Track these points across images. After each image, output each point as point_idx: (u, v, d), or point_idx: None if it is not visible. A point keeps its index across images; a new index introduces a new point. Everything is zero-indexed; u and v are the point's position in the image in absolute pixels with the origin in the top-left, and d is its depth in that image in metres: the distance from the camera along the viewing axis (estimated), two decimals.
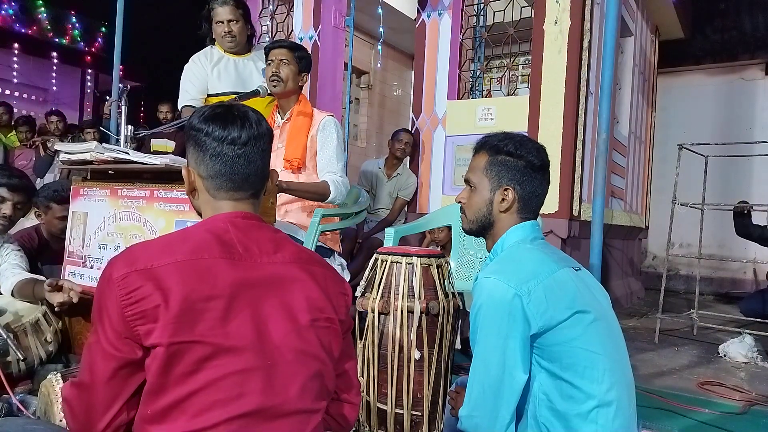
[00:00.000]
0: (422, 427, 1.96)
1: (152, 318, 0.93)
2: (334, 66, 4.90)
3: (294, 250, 1.11)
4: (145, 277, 0.95)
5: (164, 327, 0.93)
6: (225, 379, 0.94)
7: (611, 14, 2.56)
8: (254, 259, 1.04)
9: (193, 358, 0.93)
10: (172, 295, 0.94)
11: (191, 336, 0.93)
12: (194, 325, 0.94)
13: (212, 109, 1.13)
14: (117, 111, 4.23)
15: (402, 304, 1.94)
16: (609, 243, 4.97)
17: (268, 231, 1.11)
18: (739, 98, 7.12)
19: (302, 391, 1.02)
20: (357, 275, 3.35)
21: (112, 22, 4.30)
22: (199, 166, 1.10)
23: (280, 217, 2.49)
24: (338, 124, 2.61)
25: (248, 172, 1.10)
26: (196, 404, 0.93)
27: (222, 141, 1.08)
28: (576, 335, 1.20)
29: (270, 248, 1.07)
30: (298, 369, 1.01)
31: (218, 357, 0.94)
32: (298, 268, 1.08)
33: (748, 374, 3.18)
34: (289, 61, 2.51)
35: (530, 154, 1.36)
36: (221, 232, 1.05)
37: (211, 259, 0.99)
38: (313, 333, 1.05)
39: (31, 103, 10.12)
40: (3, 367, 1.90)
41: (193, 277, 0.96)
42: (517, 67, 4.97)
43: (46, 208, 2.80)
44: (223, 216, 1.09)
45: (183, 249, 1.00)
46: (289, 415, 1.00)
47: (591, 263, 2.43)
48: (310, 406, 1.04)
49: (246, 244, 1.05)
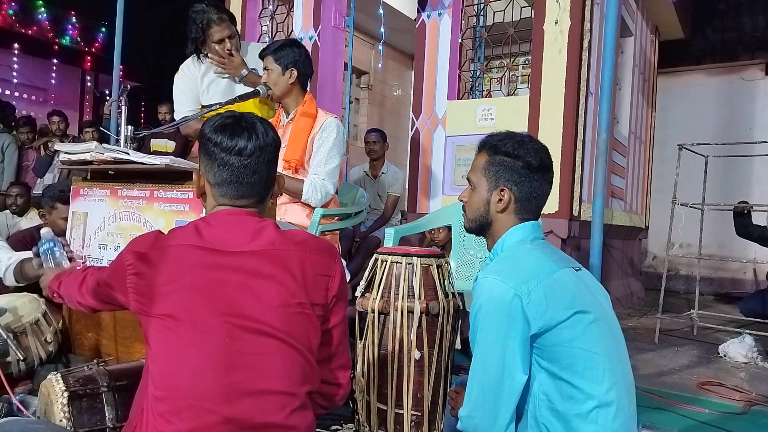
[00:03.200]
0: (422, 427, 1.96)
1: (143, 293, 1.12)
2: (334, 66, 4.90)
3: (271, 238, 1.16)
4: (137, 258, 1.13)
5: (146, 301, 1.10)
6: (190, 347, 1.06)
7: (611, 14, 2.56)
8: (227, 248, 1.12)
9: (160, 328, 1.08)
10: (155, 278, 1.10)
11: (159, 312, 1.08)
12: (167, 299, 1.08)
13: (223, 119, 1.19)
14: (117, 111, 4.23)
15: (402, 304, 1.94)
16: (609, 243, 4.97)
17: (253, 222, 1.18)
18: (739, 98, 7.12)
19: (269, 372, 1.07)
20: (356, 275, 3.35)
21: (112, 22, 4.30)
22: (208, 173, 1.19)
23: (280, 216, 2.49)
24: (340, 126, 2.58)
25: (253, 181, 1.18)
26: (164, 370, 1.08)
27: (229, 151, 1.16)
28: (576, 335, 1.20)
29: (248, 238, 1.14)
30: (261, 350, 1.07)
31: (182, 328, 1.06)
32: (269, 254, 1.13)
33: (748, 374, 3.18)
34: (271, 67, 2.53)
35: (528, 155, 1.34)
36: (202, 225, 1.16)
37: (181, 246, 1.12)
38: (280, 318, 1.09)
39: (31, 103, 10.12)
40: (3, 367, 1.90)
41: (169, 261, 1.11)
42: (517, 67, 4.97)
43: (51, 208, 2.81)
44: (215, 212, 1.19)
45: (168, 236, 1.15)
46: (257, 394, 1.06)
47: (591, 263, 2.42)
48: (281, 388, 1.08)
49: (224, 235, 1.13)
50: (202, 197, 1.25)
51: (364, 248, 3.99)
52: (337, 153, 2.55)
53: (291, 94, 2.58)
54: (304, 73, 2.58)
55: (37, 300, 2.25)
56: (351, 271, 3.05)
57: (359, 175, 4.72)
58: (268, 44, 2.78)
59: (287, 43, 2.59)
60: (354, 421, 2.10)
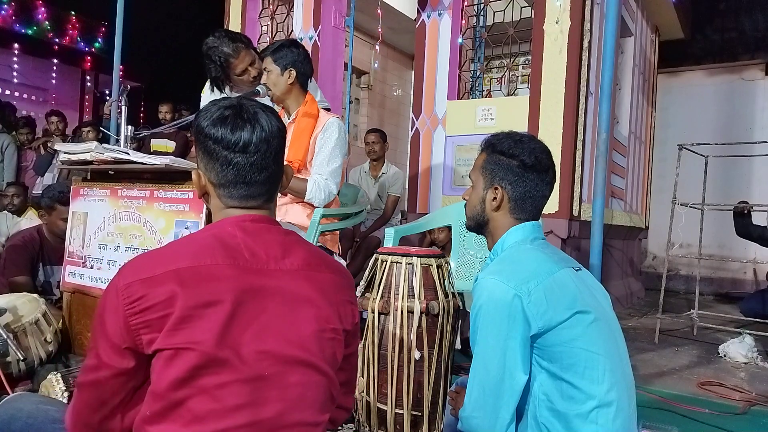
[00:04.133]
0: (422, 427, 1.96)
1: (157, 327, 0.92)
2: (334, 66, 4.90)
3: (303, 255, 1.06)
4: (148, 286, 0.93)
5: (165, 333, 0.92)
6: (221, 389, 0.92)
7: (611, 14, 2.56)
8: (261, 265, 1.00)
9: (188, 365, 0.91)
10: (176, 302, 0.92)
11: (186, 341, 0.92)
12: (191, 330, 0.92)
13: (220, 109, 1.05)
14: (117, 111, 4.23)
15: (402, 304, 1.94)
16: (609, 243, 4.97)
17: (277, 234, 1.07)
18: (739, 98, 7.12)
19: (303, 404, 0.99)
20: (356, 275, 3.35)
21: (112, 22, 4.30)
22: (209, 173, 1.06)
23: (280, 216, 2.49)
24: (342, 126, 2.57)
25: (261, 179, 1.05)
26: (191, 411, 0.92)
27: (232, 149, 1.02)
28: (576, 336, 1.20)
29: (278, 253, 1.03)
30: (299, 381, 0.99)
31: (214, 367, 0.92)
32: (306, 275, 1.04)
33: (748, 374, 3.18)
34: (270, 67, 2.52)
35: (523, 154, 1.34)
36: (227, 237, 1.01)
37: (213, 265, 0.96)
38: (317, 344, 1.01)
39: (31, 103, 10.12)
40: (3, 367, 1.90)
41: (194, 283, 0.94)
42: (517, 67, 4.97)
43: (50, 208, 2.81)
44: (232, 219, 1.05)
45: (186, 255, 0.97)
46: (289, 427, 0.98)
47: (591, 263, 2.42)
48: (312, 419, 1.01)
49: (253, 248, 1.01)
50: (204, 197, 1.10)
51: (364, 248, 3.99)
52: (339, 153, 2.55)
53: (291, 94, 2.58)
54: (303, 73, 2.58)
55: (37, 300, 2.26)
56: (351, 271, 3.04)
57: (359, 175, 4.73)
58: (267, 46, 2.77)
59: (286, 44, 2.58)
60: (354, 421, 2.10)
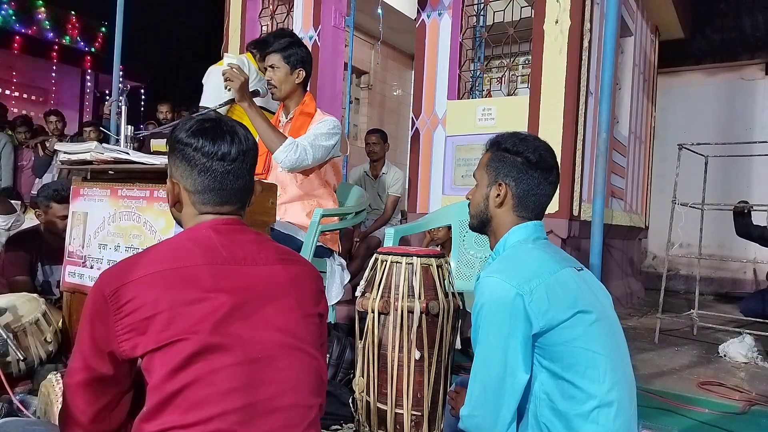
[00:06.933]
0: (422, 427, 1.96)
1: (141, 330, 0.96)
2: (334, 66, 4.90)
3: (275, 250, 1.13)
4: (134, 289, 0.97)
5: (151, 335, 0.95)
6: (216, 374, 0.96)
7: (611, 14, 2.56)
8: (239, 260, 1.05)
9: (183, 354, 0.95)
10: (162, 302, 0.96)
11: (178, 334, 0.95)
12: (183, 323, 0.96)
13: (200, 123, 1.11)
14: (117, 111, 4.23)
15: (402, 304, 1.94)
16: (609, 243, 4.97)
17: (250, 233, 1.13)
18: (739, 98, 7.12)
19: (297, 386, 1.04)
20: (356, 275, 3.35)
21: (112, 22, 4.30)
22: (185, 180, 1.11)
23: (280, 216, 2.49)
24: (337, 124, 2.53)
25: (236, 187, 1.11)
26: (188, 398, 0.95)
27: (211, 156, 1.08)
28: (577, 335, 1.20)
29: (253, 249, 1.09)
30: (291, 364, 1.04)
31: (207, 353, 0.96)
32: (282, 267, 1.10)
33: (748, 374, 3.18)
34: (279, 65, 2.49)
35: (527, 151, 1.36)
36: (203, 239, 1.06)
37: (194, 266, 1.01)
38: (304, 328, 1.07)
39: (31, 103, 10.13)
40: (3, 367, 1.90)
41: (178, 283, 0.98)
42: (517, 67, 4.96)
43: (47, 207, 2.81)
44: (206, 224, 1.10)
45: (165, 258, 1.02)
46: (284, 409, 1.01)
47: (591, 263, 2.42)
48: (305, 401, 1.05)
49: (230, 247, 1.06)
50: (175, 206, 1.14)
51: (364, 248, 3.99)
52: (328, 139, 2.46)
53: (294, 94, 2.57)
54: (308, 73, 2.58)
55: (36, 300, 2.26)
56: (351, 271, 3.04)
57: (359, 175, 4.72)
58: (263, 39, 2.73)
59: (294, 42, 2.54)
60: (354, 421, 2.10)
